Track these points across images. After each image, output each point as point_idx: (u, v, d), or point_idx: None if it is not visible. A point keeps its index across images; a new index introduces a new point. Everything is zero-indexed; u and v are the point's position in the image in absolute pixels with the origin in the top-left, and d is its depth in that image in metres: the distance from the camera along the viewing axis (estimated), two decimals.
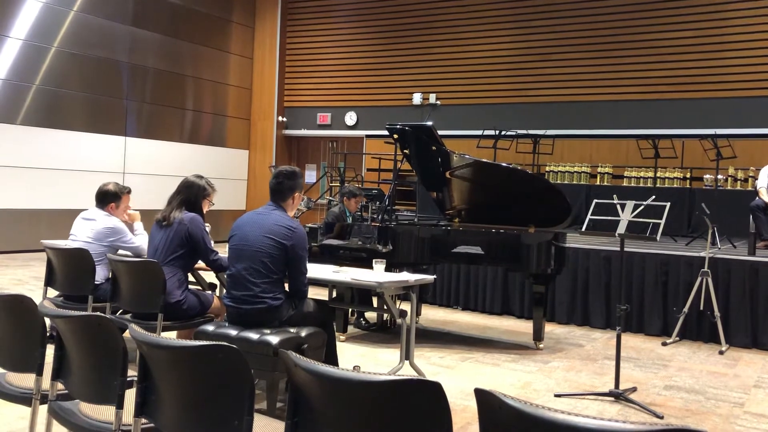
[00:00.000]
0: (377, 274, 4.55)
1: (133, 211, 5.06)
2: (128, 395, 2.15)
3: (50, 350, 2.41)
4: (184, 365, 1.98)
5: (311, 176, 13.86)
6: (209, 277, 5.08)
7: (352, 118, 13.54)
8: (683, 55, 10.54)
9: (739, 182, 9.58)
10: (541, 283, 5.71)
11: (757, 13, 10.05)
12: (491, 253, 5.66)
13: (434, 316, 7.07)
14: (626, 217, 4.49)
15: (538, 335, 5.76)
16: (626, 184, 10.20)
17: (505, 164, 6.18)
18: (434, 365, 5.09)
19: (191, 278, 4.69)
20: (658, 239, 4.39)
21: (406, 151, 6.13)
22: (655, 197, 4.57)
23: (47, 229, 10.09)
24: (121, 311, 4.45)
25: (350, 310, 6.28)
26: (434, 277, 5.12)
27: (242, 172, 14.28)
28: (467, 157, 5.98)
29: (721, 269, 6.17)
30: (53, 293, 4.84)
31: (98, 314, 2.27)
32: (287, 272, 3.79)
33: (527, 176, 6.28)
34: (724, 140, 8.35)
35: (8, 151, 10.18)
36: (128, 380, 2.16)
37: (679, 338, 6.20)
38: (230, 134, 14.02)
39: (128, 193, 4.97)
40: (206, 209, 4.43)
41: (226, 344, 1.89)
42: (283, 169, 3.95)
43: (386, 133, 6.16)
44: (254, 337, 3.57)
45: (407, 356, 4.55)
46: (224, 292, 3.95)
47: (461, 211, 6.27)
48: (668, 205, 4.55)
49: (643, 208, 4.47)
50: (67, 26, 10.96)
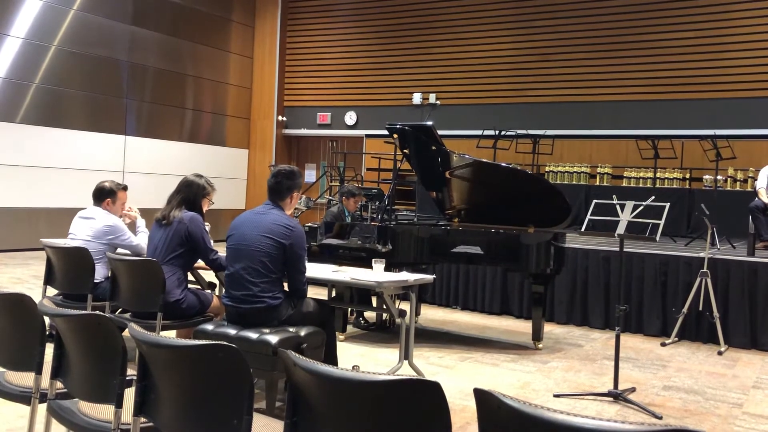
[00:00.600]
0: (377, 273, 4.55)
1: (133, 212, 5.06)
2: (127, 394, 2.14)
3: (49, 349, 2.41)
4: (183, 364, 1.98)
5: (311, 176, 13.85)
6: (209, 276, 5.08)
7: (351, 117, 13.54)
8: (683, 55, 10.54)
9: (738, 183, 9.58)
10: (540, 283, 5.71)
11: (757, 14, 10.05)
12: (491, 253, 5.66)
13: (433, 315, 7.07)
14: (626, 217, 4.49)
15: (537, 335, 5.76)
16: (626, 184, 10.21)
17: (504, 164, 6.18)
18: (433, 365, 5.09)
19: (191, 277, 4.69)
20: (657, 240, 4.40)
21: (405, 150, 6.13)
22: (654, 198, 4.57)
23: (46, 227, 10.09)
24: (120, 310, 4.45)
25: (349, 309, 6.29)
26: (433, 276, 5.12)
27: (242, 171, 14.28)
28: (467, 157, 5.98)
29: (720, 270, 6.18)
30: (52, 292, 4.83)
31: (98, 313, 2.27)
32: (286, 271, 3.79)
33: (527, 176, 6.28)
34: (723, 141, 8.36)
35: (8, 149, 10.17)
36: (127, 379, 2.16)
37: (678, 339, 6.20)
38: (230, 133, 14.02)
39: (124, 189, 4.97)
40: (206, 208, 4.43)
41: (225, 343, 1.89)
42: (281, 168, 3.94)
43: (386, 132, 6.16)
44: (253, 336, 3.57)
45: (406, 356, 4.55)
46: (223, 291, 3.95)
47: (461, 210, 6.27)
48: (668, 205, 4.55)
49: (642, 208, 4.47)
50: (67, 25, 10.96)
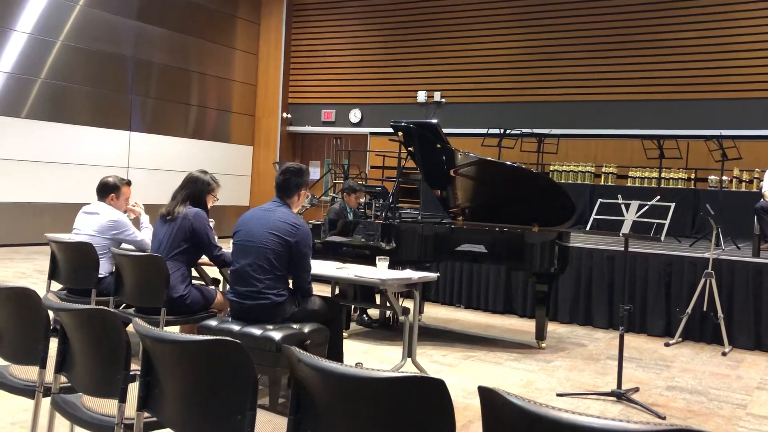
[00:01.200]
0: (380, 271, 4.55)
1: (138, 207, 5.06)
2: (131, 389, 2.15)
3: (53, 343, 2.42)
4: (187, 360, 1.98)
5: (315, 173, 13.85)
6: (213, 272, 5.08)
7: (356, 115, 13.53)
8: (689, 55, 10.51)
9: (744, 183, 9.55)
10: (544, 282, 5.70)
11: (763, 14, 10.01)
12: (495, 251, 5.65)
13: (437, 314, 7.07)
14: (631, 217, 4.48)
15: (540, 334, 5.75)
16: (630, 184, 10.19)
17: (509, 163, 6.17)
18: (436, 363, 5.09)
19: (195, 273, 4.69)
20: (662, 240, 4.38)
21: (410, 148, 6.13)
22: (659, 197, 4.55)
23: (51, 222, 10.11)
24: (124, 305, 4.46)
25: (353, 306, 6.29)
26: (437, 275, 5.12)
27: (246, 168, 14.29)
28: (472, 155, 5.97)
29: (724, 270, 6.16)
30: (57, 287, 4.84)
31: (102, 308, 2.27)
32: (291, 269, 3.79)
33: (532, 175, 6.27)
34: (729, 141, 8.33)
35: (13, 144, 10.20)
36: (131, 374, 2.16)
37: (681, 339, 6.19)
38: (234, 130, 14.02)
39: (128, 185, 4.97)
40: (210, 204, 4.43)
41: (229, 339, 1.89)
42: (290, 165, 3.94)
43: (391, 130, 6.16)
44: (257, 332, 3.57)
45: (410, 354, 4.55)
46: (227, 287, 3.95)
47: (465, 209, 6.26)
48: (673, 205, 4.53)
49: (647, 208, 4.46)
50: (72, 20, 10.98)
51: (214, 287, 4.69)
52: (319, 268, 4.43)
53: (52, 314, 2.47)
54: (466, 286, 7.43)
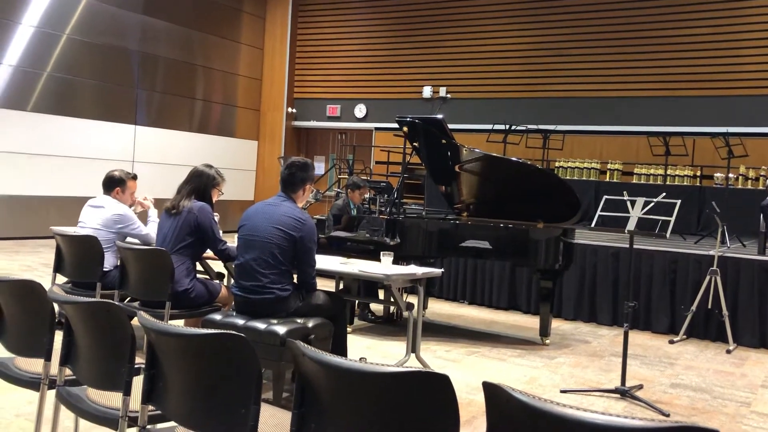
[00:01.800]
0: (385, 266, 4.55)
1: (147, 201, 5.07)
2: (136, 382, 2.15)
3: (59, 336, 2.42)
4: (191, 353, 1.99)
5: (320, 168, 13.85)
6: (217, 266, 5.09)
7: (361, 110, 13.52)
8: (696, 52, 10.46)
9: (750, 181, 9.51)
10: (548, 278, 5.69)
11: None
12: (499, 247, 5.64)
13: (441, 309, 7.07)
14: (636, 213, 4.46)
15: (544, 331, 5.74)
16: (636, 181, 10.15)
17: (514, 159, 6.15)
18: (440, 359, 5.09)
19: (199, 267, 4.69)
20: (667, 237, 4.37)
21: (415, 144, 6.12)
22: (665, 194, 4.54)
23: (56, 215, 10.13)
24: (129, 299, 4.47)
25: (356, 302, 6.29)
26: (441, 270, 5.10)
27: (251, 162, 14.29)
28: (477, 151, 5.96)
29: (730, 268, 6.14)
30: (62, 280, 4.86)
31: (107, 301, 2.27)
32: (296, 264, 3.79)
33: (537, 171, 6.25)
34: (735, 138, 8.30)
35: (19, 137, 10.22)
36: (136, 367, 2.17)
37: (686, 336, 6.17)
38: (239, 125, 14.03)
39: (134, 178, 4.98)
40: (215, 199, 4.43)
41: (234, 332, 1.89)
42: (295, 160, 3.94)
43: (396, 125, 6.15)
44: (261, 326, 3.58)
45: (413, 349, 4.55)
46: (232, 281, 3.96)
47: (470, 205, 6.25)
48: (678, 202, 4.52)
49: (653, 205, 4.45)
50: (78, 14, 10.98)
51: (218, 281, 4.70)
52: (323, 263, 4.43)
53: (57, 307, 2.47)
54: (470, 282, 7.43)
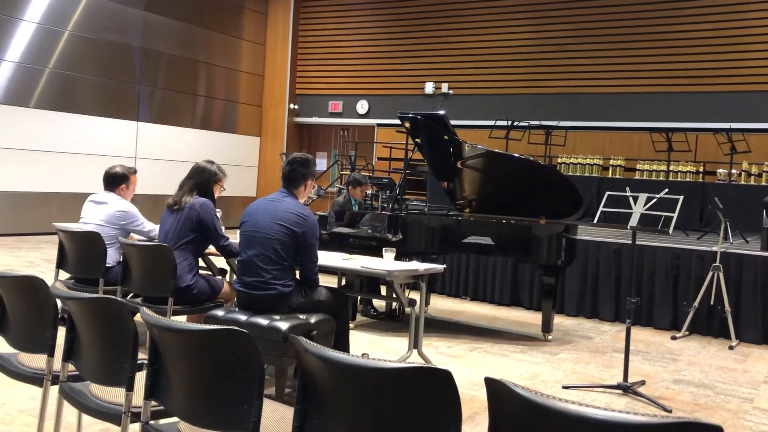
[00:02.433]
0: (387, 262, 4.55)
1: None
2: (138, 378, 2.16)
3: (61, 332, 2.43)
4: (194, 349, 1.99)
5: (322, 164, 13.84)
6: (220, 262, 5.09)
7: (363, 106, 13.51)
8: (699, 48, 10.44)
9: (752, 177, 9.49)
10: (551, 274, 5.69)
11: None
12: (501, 243, 5.64)
13: (443, 305, 7.07)
14: (639, 209, 4.46)
15: (546, 327, 5.74)
16: (638, 177, 10.13)
17: (517, 155, 6.15)
18: (442, 354, 5.09)
19: (202, 263, 4.70)
20: (670, 233, 4.36)
21: (417, 140, 6.11)
22: (668, 190, 4.53)
23: (59, 212, 10.14)
24: (131, 295, 4.47)
25: (359, 298, 6.29)
26: (444, 266, 5.11)
27: (253, 158, 14.29)
28: (479, 147, 5.95)
29: (732, 264, 6.13)
30: (64, 276, 4.87)
31: (110, 297, 2.28)
32: (298, 260, 3.79)
33: (539, 167, 6.25)
34: (738, 134, 8.27)
35: (21, 133, 10.23)
36: (138, 363, 2.17)
37: (688, 332, 6.17)
38: (241, 121, 14.02)
39: (135, 173, 5.00)
40: (217, 194, 4.44)
41: (236, 328, 1.89)
42: (296, 156, 3.94)
43: (398, 122, 6.14)
44: (264, 322, 3.58)
45: (416, 345, 4.56)
46: (234, 277, 3.96)
47: (472, 201, 6.25)
48: (681, 198, 4.51)
49: (655, 201, 4.44)
50: (80, 10, 10.98)
51: (221, 277, 4.70)
52: (325, 259, 4.43)
53: (60, 303, 2.48)
54: (472, 278, 7.43)
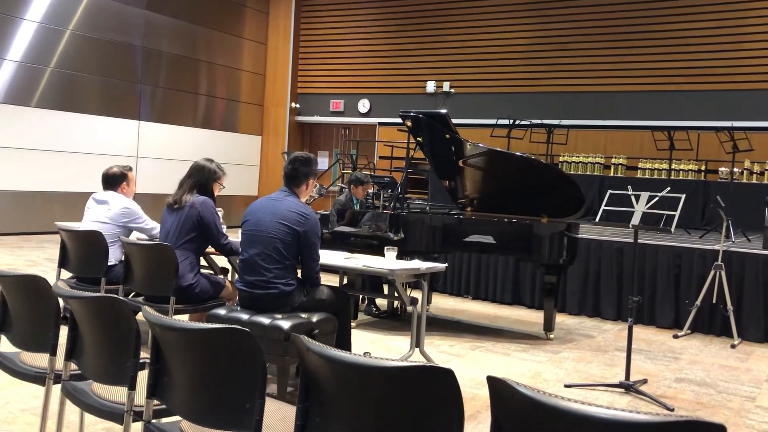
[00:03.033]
0: (389, 261, 4.55)
1: None
2: (140, 377, 2.16)
3: (64, 331, 2.43)
4: (196, 348, 1.99)
5: (323, 163, 13.84)
6: (221, 261, 5.10)
7: (365, 105, 13.51)
8: (700, 46, 10.42)
9: (755, 175, 9.48)
10: (552, 273, 5.68)
11: None
12: (503, 242, 5.64)
13: (444, 304, 7.07)
14: (640, 208, 4.45)
15: (548, 325, 5.74)
16: (640, 175, 10.12)
17: (518, 154, 6.14)
18: (444, 353, 5.09)
19: (204, 263, 4.70)
20: (672, 231, 4.36)
21: (419, 138, 6.11)
22: (669, 189, 4.52)
23: (60, 211, 10.15)
24: (133, 294, 4.47)
25: (360, 296, 6.30)
26: (445, 265, 5.11)
27: (255, 157, 14.30)
28: (481, 145, 5.95)
29: (734, 263, 6.13)
30: (66, 275, 4.87)
31: (112, 296, 2.27)
32: (300, 259, 3.79)
33: (541, 166, 6.24)
34: (740, 133, 8.26)
35: (23, 133, 10.23)
36: (141, 362, 2.17)
37: (690, 331, 6.17)
38: (243, 120, 14.03)
39: (130, 170, 5.02)
40: (217, 192, 4.44)
41: (238, 327, 1.89)
42: (298, 154, 3.94)
43: (399, 120, 6.14)
44: (266, 321, 3.58)
45: (417, 344, 4.56)
46: (236, 276, 3.96)
47: (473, 200, 6.25)
48: (683, 197, 4.50)
49: (657, 199, 4.44)
50: (82, 9, 10.98)
51: (222, 276, 4.70)
52: (327, 257, 4.44)
53: (62, 302, 2.48)
54: (474, 276, 7.43)
